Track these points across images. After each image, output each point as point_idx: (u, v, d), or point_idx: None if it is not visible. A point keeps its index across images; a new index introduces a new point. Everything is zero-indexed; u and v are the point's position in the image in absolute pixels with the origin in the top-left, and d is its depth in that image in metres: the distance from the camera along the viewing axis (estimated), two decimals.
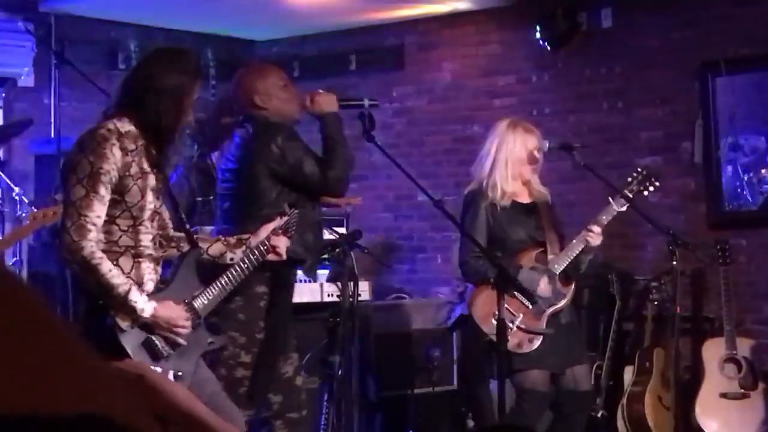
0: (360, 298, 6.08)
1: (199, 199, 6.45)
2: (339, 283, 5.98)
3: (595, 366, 7.36)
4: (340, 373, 5.92)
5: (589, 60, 8.37)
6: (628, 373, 7.36)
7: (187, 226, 4.67)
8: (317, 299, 6.66)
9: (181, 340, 4.29)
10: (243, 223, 4.90)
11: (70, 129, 8.40)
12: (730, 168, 7.78)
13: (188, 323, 4.32)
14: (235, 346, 5.00)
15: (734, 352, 7.08)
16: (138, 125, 4.24)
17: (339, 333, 5.87)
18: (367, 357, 6.97)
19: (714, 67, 7.77)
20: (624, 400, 7.29)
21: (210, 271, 4.57)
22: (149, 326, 4.24)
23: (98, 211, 4.13)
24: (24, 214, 7.48)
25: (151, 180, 4.31)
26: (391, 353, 7.19)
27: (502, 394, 5.11)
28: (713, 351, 7.17)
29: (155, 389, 1.33)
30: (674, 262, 5.96)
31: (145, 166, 4.27)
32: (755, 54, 7.65)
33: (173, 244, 4.55)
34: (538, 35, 8.40)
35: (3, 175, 7.48)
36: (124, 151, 4.18)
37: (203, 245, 4.57)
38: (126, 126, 4.23)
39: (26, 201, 7.52)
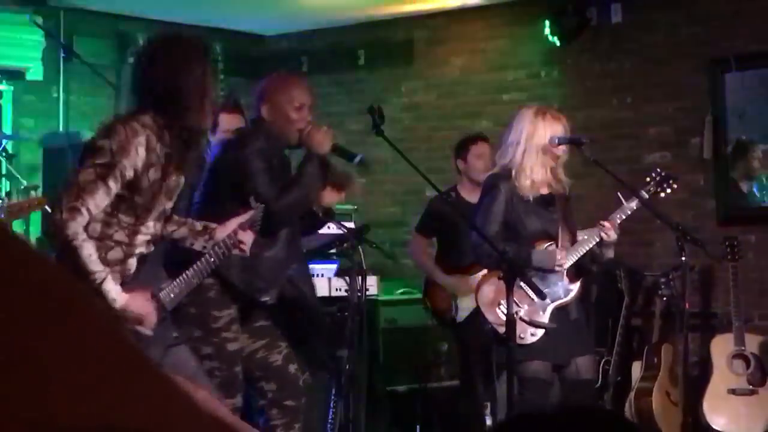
0: (368, 293, 6.08)
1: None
2: (347, 278, 5.98)
3: (603, 361, 7.36)
4: (348, 367, 5.92)
5: (598, 56, 8.36)
6: (636, 369, 7.35)
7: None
8: (325, 294, 6.66)
9: (147, 333, 4.26)
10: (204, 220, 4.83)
11: (78, 122, 8.43)
12: (739, 164, 7.77)
13: (155, 318, 4.29)
14: (193, 341, 4.96)
15: (743, 348, 7.07)
16: (166, 125, 4.19)
17: (347, 327, 5.88)
18: (375, 351, 6.98)
19: (723, 63, 7.75)
20: (632, 396, 7.29)
21: (177, 264, 4.56)
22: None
23: (99, 201, 4.08)
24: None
25: (171, 182, 4.28)
26: (399, 348, 7.20)
27: (510, 386, 5.10)
28: (721, 347, 7.16)
29: (179, 390, 1.33)
30: (683, 258, 5.93)
31: (167, 168, 4.23)
32: (765, 50, 7.63)
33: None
34: (547, 31, 8.39)
35: (12, 169, 7.50)
36: (151, 150, 4.13)
37: (171, 227, 4.51)
38: (156, 124, 4.18)
39: (34, 194, 7.54)
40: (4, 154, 7.54)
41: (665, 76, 8.04)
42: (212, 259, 4.56)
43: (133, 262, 4.27)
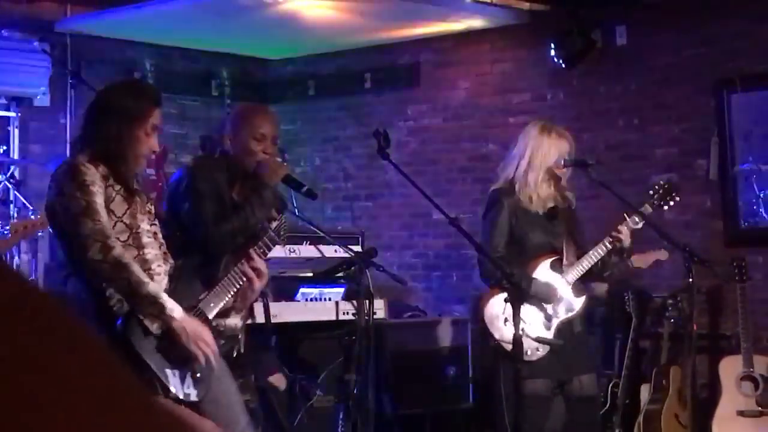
0: (376, 316, 6.08)
1: None
2: (355, 302, 5.98)
3: (611, 384, 7.34)
4: (356, 391, 5.91)
5: (603, 77, 8.37)
6: (645, 391, 7.33)
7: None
8: (333, 317, 6.65)
9: (201, 358, 4.25)
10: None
11: None
12: (746, 185, 7.76)
13: (213, 342, 4.30)
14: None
15: (751, 369, 7.05)
16: (95, 155, 4.23)
17: (355, 351, 5.87)
18: (382, 375, 6.96)
19: (729, 84, 7.76)
20: (641, 419, 7.26)
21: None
22: (174, 335, 4.21)
23: (105, 218, 4.15)
24: (40, 234, 7.50)
25: (138, 204, 4.31)
26: (407, 371, 7.18)
27: (517, 405, 5.09)
28: (730, 369, 7.14)
29: (184, 425, 1.33)
30: (691, 280, 5.93)
31: (125, 193, 4.28)
32: None
33: None
34: (552, 53, 8.41)
35: (19, 195, 7.51)
36: (104, 178, 4.20)
37: None
38: (89, 157, 4.23)
39: (40, 215, 7.55)
40: (11, 180, 7.56)
41: (671, 98, 8.05)
42: (238, 281, 4.61)
43: (157, 278, 4.27)
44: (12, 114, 8.44)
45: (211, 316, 4.47)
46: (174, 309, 4.16)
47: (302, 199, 8.62)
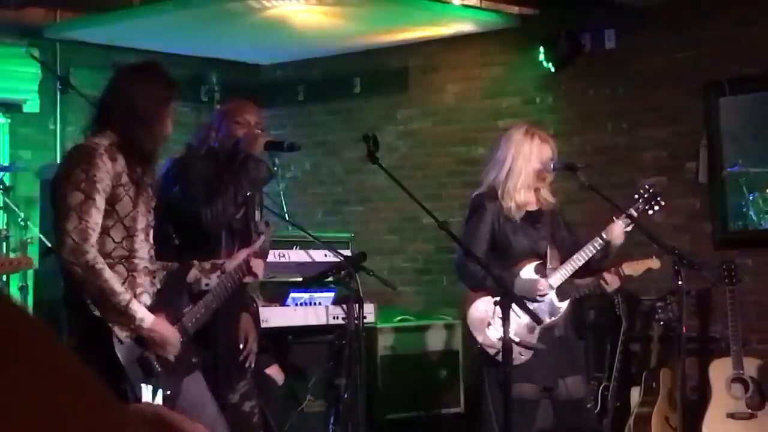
0: (365, 321, 6.08)
1: None
2: (344, 306, 5.98)
3: (601, 387, 7.35)
4: (346, 395, 5.92)
5: (592, 81, 8.39)
6: (635, 394, 7.34)
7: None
8: (323, 322, 6.66)
9: (171, 358, 4.28)
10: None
11: None
12: (735, 188, 7.78)
13: (179, 343, 4.32)
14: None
15: (741, 371, 7.07)
16: (116, 143, 4.26)
17: (345, 356, 5.87)
18: (373, 379, 6.97)
19: (718, 87, 7.78)
20: (631, 422, 7.27)
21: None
22: (142, 341, 4.22)
23: (96, 218, 4.14)
24: (29, 239, 7.50)
25: (147, 195, 4.34)
26: (397, 376, 7.18)
27: (506, 411, 5.09)
28: (720, 371, 7.15)
29: (174, 428, 1.32)
30: (680, 282, 5.94)
31: (142, 181, 4.30)
32: (759, 74, 7.65)
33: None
34: (541, 57, 8.42)
35: (9, 201, 7.50)
36: (114, 161, 4.20)
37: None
38: (108, 140, 4.25)
39: (32, 226, 7.55)
40: (1, 186, 7.55)
41: (660, 101, 8.06)
42: (229, 284, 4.63)
43: (142, 280, 4.28)
44: (1, 120, 8.43)
45: (191, 331, 4.48)
46: (144, 318, 4.16)
47: (293, 204, 8.63)
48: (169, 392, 4.28)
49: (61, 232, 4.14)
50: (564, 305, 5.77)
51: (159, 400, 4.19)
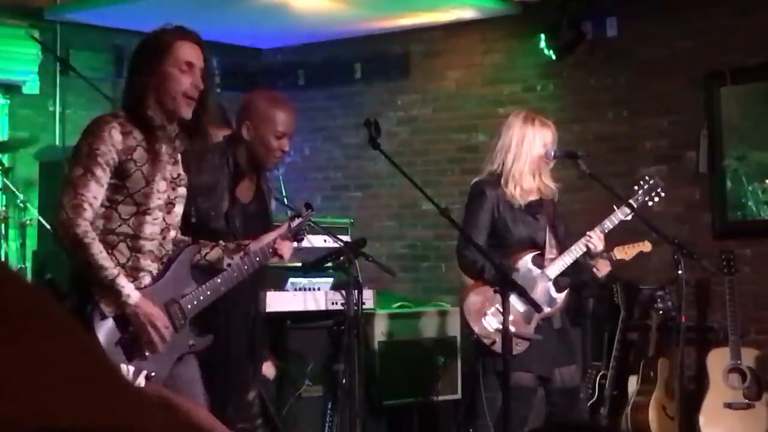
0: (364, 307, 6.07)
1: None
2: (343, 292, 5.97)
3: (599, 375, 7.36)
4: (344, 381, 5.91)
5: (594, 69, 8.38)
6: (633, 383, 7.35)
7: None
8: (321, 308, 6.66)
9: (158, 344, 4.20)
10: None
11: (75, 136, 8.41)
12: (734, 178, 7.78)
13: (167, 328, 4.25)
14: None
15: (739, 362, 7.07)
16: (128, 109, 4.22)
17: (343, 341, 5.87)
18: (371, 365, 6.97)
19: (719, 77, 7.77)
20: (628, 410, 7.28)
21: (205, 273, 4.53)
22: (127, 320, 4.16)
23: (95, 192, 4.08)
24: (28, 221, 7.49)
25: (166, 169, 4.25)
26: (396, 362, 7.19)
27: (504, 400, 5.09)
28: (718, 361, 7.16)
29: (176, 409, 1.31)
30: (679, 272, 5.93)
31: (160, 153, 4.22)
32: (761, 64, 7.64)
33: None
34: (543, 44, 8.41)
35: (8, 182, 7.49)
36: (127, 135, 4.14)
37: (204, 250, 4.52)
38: (126, 113, 4.21)
39: (31, 208, 7.54)
40: (0, 167, 7.54)
41: (661, 90, 8.05)
42: (245, 268, 4.52)
43: (146, 263, 4.24)
44: (1, 101, 8.42)
45: (191, 315, 4.38)
46: (131, 295, 4.12)
47: (292, 189, 8.63)
48: (153, 374, 4.19)
49: (57, 206, 4.12)
50: (561, 296, 5.76)
51: (141, 381, 4.13)
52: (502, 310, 5.28)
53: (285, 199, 7.26)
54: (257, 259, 4.54)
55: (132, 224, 4.19)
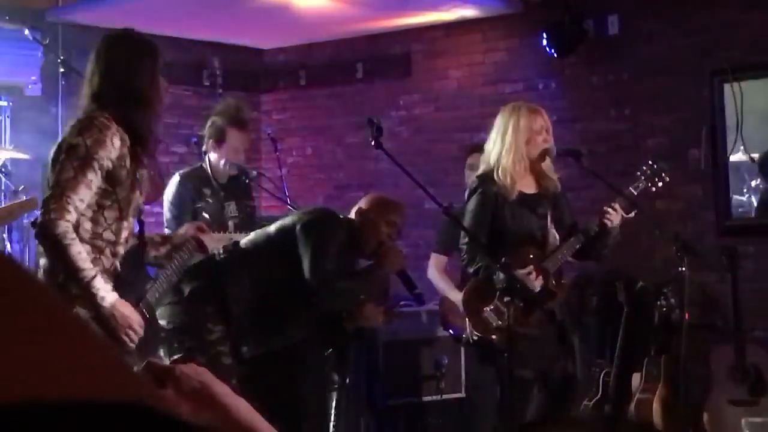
0: None
1: (199, 205, 6.43)
2: None
3: (603, 373, 7.35)
4: (348, 381, 5.91)
5: (595, 67, 8.37)
6: (636, 381, 7.34)
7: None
8: None
9: (130, 344, 4.21)
10: None
11: None
12: (737, 175, 7.77)
13: (142, 329, 4.27)
14: (187, 350, 5.11)
15: (742, 359, 7.06)
16: (120, 121, 4.21)
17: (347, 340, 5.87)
18: (374, 365, 6.96)
19: (721, 74, 7.76)
20: (632, 408, 7.27)
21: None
22: (102, 322, 4.15)
23: (83, 195, 4.07)
24: (26, 219, 7.49)
25: (142, 177, 4.30)
26: (399, 361, 7.18)
27: (502, 396, 5.09)
28: (721, 358, 7.15)
29: (217, 400, 1.29)
30: (682, 269, 5.93)
31: (141, 161, 4.26)
32: (763, 61, 7.64)
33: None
34: (544, 42, 8.40)
35: (10, 184, 7.49)
36: (123, 141, 4.15)
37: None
38: (113, 121, 4.21)
39: (24, 197, 7.53)
40: (2, 169, 7.54)
41: (663, 88, 8.05)
42: (184, 258, 4.66)
43: (116, 263, 4.27)
44: (3, 103, 8.42)
45: (156, 307, 4.50)
46: (105, 297, 4.12)
47: (294, 188, 8.63)
48: None
49: (43, 204, 4.11)
50: (560, 291, 5.75)
51: None
52: (502, 307, 5.30)
53: (288, 200, 7.26)
54: (187, 251, 4.68)
55: (114, 229, 4.22)
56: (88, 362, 0.71)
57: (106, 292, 4.11)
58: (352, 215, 5.30)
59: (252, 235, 5.50)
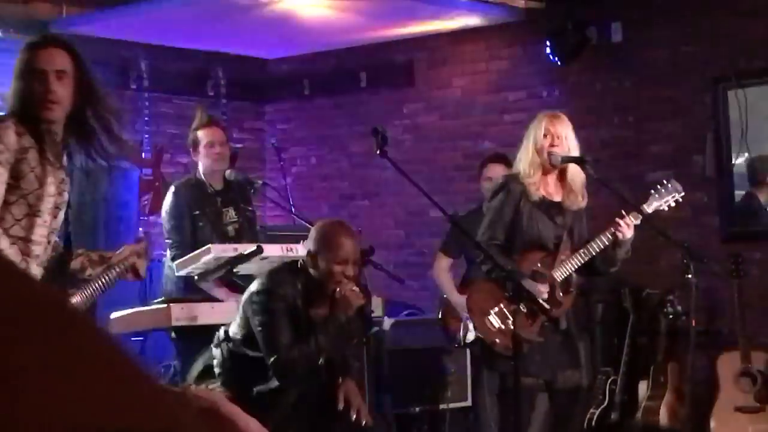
0: (373, 315, 6.07)
1: (196, 212, 6.46)
2: None
3: (609, 381, 7.34)
4: None
5: (599, 74, 8.37)
6: (643, 388, 7.33)
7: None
8: None
9: None
10: None
11: None
12: (742, 181, 7.77)
13: None
14: None
15: (749, 365, 7.06)
16: (23, 121, 4.23)
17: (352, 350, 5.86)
18: (380, 373, 6.95)
19: (725, 80, 7.76)
20: (639, 415, 7.27)
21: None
22: None
23: None
24: None
25: (56, 174, 4.25)
26: (405, 369, 7.17)
27: (515, 401, 5.08)
28: (728, 365, 7.14)
29: (228, 421, 1.29)
30: (688, 276, 5.92)
31: (49, 158, 4.21)
32: (766, 67, 7.63)
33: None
34: (548, 50, 8.40)
35: None
36: (20, 135, 4.14)
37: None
38: (14, 120, 4.22)
39: None
40: None
41: (667, 94, 8.04)
42: (106, 280, 4.61)
43: (34, 266, 4.21)
44: None
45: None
46: None
47: (299, 198, 8.62)
48: None
49: None
50: (567, 299, 5.74)
51: None
52: (507, 313, 5.30)
53: (292, 209, 7.26)
54: (115, 274, 4.63)
55: (24, 225, 4.17)
56: (125, 390, 0.71)
57: None
58: (305, 258, 5.22)
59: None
